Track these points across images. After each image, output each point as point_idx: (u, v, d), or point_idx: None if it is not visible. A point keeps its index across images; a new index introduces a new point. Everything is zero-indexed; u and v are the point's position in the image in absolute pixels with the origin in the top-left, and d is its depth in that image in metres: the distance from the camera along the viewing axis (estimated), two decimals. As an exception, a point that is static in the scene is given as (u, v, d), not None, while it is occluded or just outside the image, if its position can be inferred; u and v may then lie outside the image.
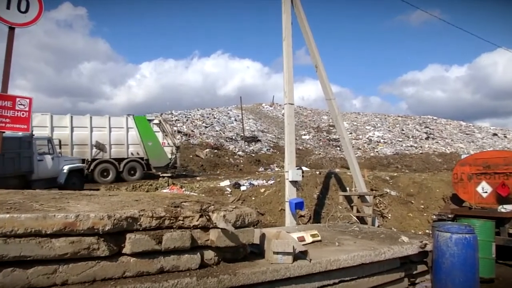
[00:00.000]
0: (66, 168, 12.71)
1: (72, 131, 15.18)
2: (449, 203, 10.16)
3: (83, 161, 14.48)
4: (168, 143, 17.15)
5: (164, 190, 11.25)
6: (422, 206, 11.51)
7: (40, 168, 11.77)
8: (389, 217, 11.01)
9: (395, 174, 15.23)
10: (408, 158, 27.81)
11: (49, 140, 12.70)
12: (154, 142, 16.73)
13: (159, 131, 17.09)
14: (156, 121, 17.21)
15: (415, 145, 33.01)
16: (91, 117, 15.51)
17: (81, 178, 13.29)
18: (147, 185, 12.37)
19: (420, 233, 10.07)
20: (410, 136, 35.63)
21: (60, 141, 14.88)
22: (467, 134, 37.12)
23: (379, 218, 10.64)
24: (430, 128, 38.61)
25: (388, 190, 12.21)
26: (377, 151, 31.13)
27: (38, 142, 11.99)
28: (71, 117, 15.20)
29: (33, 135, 12.05)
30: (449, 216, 7.87)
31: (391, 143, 33.54)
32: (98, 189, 11.60)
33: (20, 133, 11.74)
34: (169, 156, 16.99)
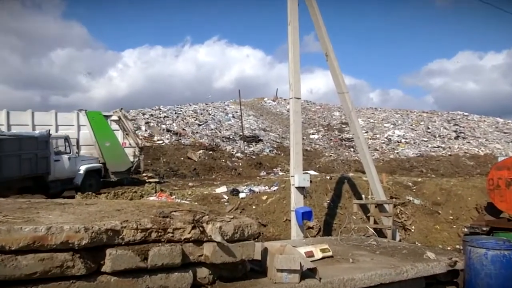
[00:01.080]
0: (83, 168, 13.75)
1: (8, 129, 13.82)
2: (483, 214, 10.12)
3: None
4: (130, 144, 16.33)
5: (151, 198, 11.25)
6: (451, 217, 11.49)
7: (57, 168, 12.81)
8: (412, 230, 10.99)
9: (419, 179, 15.22)
10: (434, 161, 27.80)
11: (66, 139, 13.72)
12: (113, 142, 15.79)
13: (118, 130, 16.23)
14: (114, 118, 16.43)
15: (443, 145, 32.99)
16: (33, 113, 14.72)
17: (98, 179, 14.32)
18: (131, 192, 12.39)
19: (449, 248, 10.05)
20: (437, 135, 35.61)
21: (77, 140, 15.84)
22: (505, 132, 37.03)
23: (400, 231, 10.62)
24: (460, 126, 38.59)
25: (410, 198, 12.19)
26: (397, 153, 31.13)
27: (55, 141, 13.10)
28: (8, 112, 14.35)
29: (50, 134, 12.94)
30: (484, 229, 7.84)
31: (414, 143, 33.53)
32: (73, 197, 11.66)
33: (37, 133, 12.94)
34: (131, 159, 16.13)
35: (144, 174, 18.04)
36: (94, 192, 13.16)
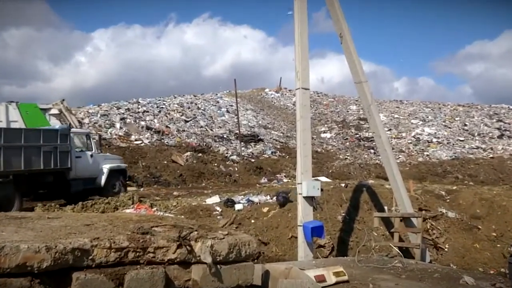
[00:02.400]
0: (106, 167, 14.86)
1: None
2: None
3: None
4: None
5: (127, 210, 11.25)
6: (494, 234, 11.50)
7: (78, 165, 13.90)
8: (446, 249, 11.00)
9: (454, 187, 15.24)
10: (472, 165, 27.83)
11: (88, 135, 15.07)
12: None
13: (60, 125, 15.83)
14: (54, 111, 16.34)
15: (483, 146, 33.07)
16: None
17: (123, 181, 15.43)
18: (103, 203, 12.39)
19: (491, 272, 10.06)
20: (476, 134, 35.72)
21: (100, 137, 16.75)
22: (560, 130, 37.09)
23: (431, 250, 10.63)
24: (505, 122, 38.65)
25: (444, 211, 12.20)
26: (427, 155, 31.19)
27: (76, 137, 14.36)
28: None
29: (71, 127, 14.25)
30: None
31: (447, 143, 33.62)
32: (32, 209, 11.66)
33: (57, 126, 14.17)
34: None
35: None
36: (117, 195, 14.35)
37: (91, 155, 14.55)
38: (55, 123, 16.18)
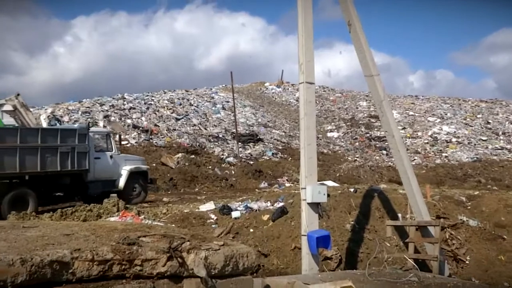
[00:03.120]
0: (126, 169, 15.55)
1: None
2: None
3: None
4: None
5: (112, 219, 11.23)
6: (521, 244, 11.51)
7: (97, 167, 14.63)
8: (467, 261, 11.01)
9: (476, 192, 15.25)
10: (496, 168, 27.89)
11: (108, 134, 15.90)
12: None
13: (14, 123, 15.37)
14: (8, 107, 16.20)
15: (509, 146, 33.11)
16: None
17: (144, 183, 16.18)
18: (84, 210, 12.37)
19: (517, 286, 10.06)
20: (500, 133, 35.77)
21: (120, 136, 17.72)
22: None
23: (450, 263, 10.63)
24: (533, 120, 38.69)
25: (464, 218, 12.21)
26: (446, 156, 31.23)
27: (95, 136, 15.12)
28: None
29: (90, 127, 14.93)
30: None
31: (469, 143, 33.67)
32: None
33: (76, 125, 15.15)
34: None
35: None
36: (140, 199, 15.44)
37: (111, 156, 15.26)
38: (9, 121, 16.10)
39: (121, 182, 15.33)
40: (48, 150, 13.15)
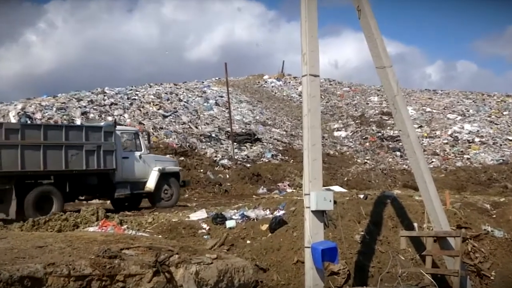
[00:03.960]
0: (156, 170, 16.52)
1: None
2: None
3: None
4: None
5: (91, 229, 11.22)
6: (553, 258, 11.52)
7: (125, 167, 15.79)
8: (492, 277, 11.01)
9: (502, 199, 15.28)
10: (524, 171, 27.89)
11: (137, 133, 17.18)
12: None
13: None
14: None
15: (538, 147, 33.13)
16: None
17: (176, 186, 17.22)
18: (59, 219, 12.36)
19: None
20: (530, 132, 35.78)
21: (149, 135, 19.15)
22: None
23: (473, 278, 10.64)
24: None
25: (489, 228, 12.22)
26: (468, 159, 31.29)
27: (123, 135, 16.38)
28: None
29: (116, 124, 16.57)
30: None
31: (494, 143, 33.74)
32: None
33: (102, 122, 16.36)
34: None
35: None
36: (172, 202, 16.59)
37: (140, 156, 16.33)
38: None
39: (151, 184, 16.27)
40: (73, 148, 14.29)
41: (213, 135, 30.50)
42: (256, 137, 31.37)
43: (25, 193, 13.65)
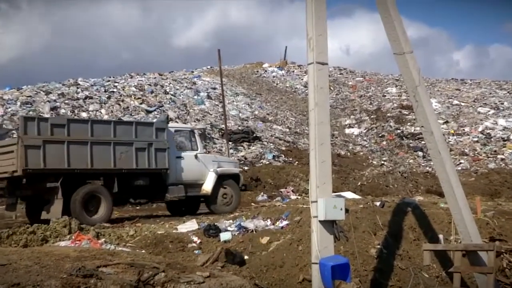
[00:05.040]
0: (214, 171, 17.25)
1: None
2: None
3: None
4: None
5: (62, 243, 11.20)
6: None
7: (179, 168, 16.70)
8: (530, 296, 11.01)
9: (541, 206, 15.26)
10: None
11: (192, 131, 18.08)
12: None
13: None
14: None
15: None
16: None
17: (236, 189, 17.96)
18: (25, 233, 12.33)
19: None
20: None
21: (205, 133, 20.09)
22: None
23: (508, 298, 10.64)
24: None
25: (527, 241, 12.22)
26: (503, 159, 31.24)
27: (177, 133, 17.33)
28: None
29: (169, 120, 17.82)
30: None
31: (533, 142, 33.60)
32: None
33: (154, 120, 17.86)
34: None
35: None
36: (232, 208, 17.20)
37: (196, 156, 17.06)
38: None
39: (208, 186, 16.94)
40: (122, 145, 15.34)
41: (205, 133, 30.46)
42: (254, 135, 31.35)
43: (72, 193, 14.49)
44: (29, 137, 14.06)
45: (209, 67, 45.78)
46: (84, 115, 28.47)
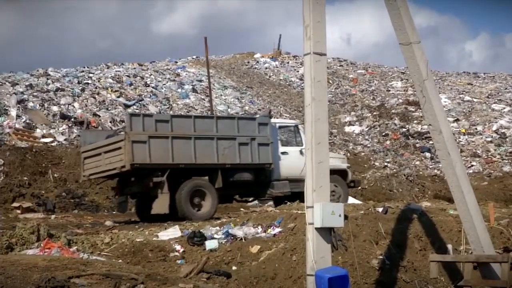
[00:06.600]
0: None
1: None
2: None
3: None
4: None
5: (29, 251, 11.16)
6: None
7: (284, 163, 18.11)
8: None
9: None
10: None
11: (296, 126, 19.36)
12: None
13: None
14: None
15: None
16: None
17: (343, 186, 18.83)
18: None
19: None
20: None
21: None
22: None
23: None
24: None
25: (544, 251, 12.29)
26: (518, 162, 31.33)
27: (281, 129, 18.89)
28: None
29: (272, 115, 19.28)
30: None
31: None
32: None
33: (256, 114, 19.88)
34: None
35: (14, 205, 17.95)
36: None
37: (301, 151, 17.60)
38: None
39: None
40: (225, 140, 16.96)
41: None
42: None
43: (177, 188, 16.16)
44: (135, 132, 15.69)
45: (194, 57, 45.73)
46: (55, 109, 28.34)
